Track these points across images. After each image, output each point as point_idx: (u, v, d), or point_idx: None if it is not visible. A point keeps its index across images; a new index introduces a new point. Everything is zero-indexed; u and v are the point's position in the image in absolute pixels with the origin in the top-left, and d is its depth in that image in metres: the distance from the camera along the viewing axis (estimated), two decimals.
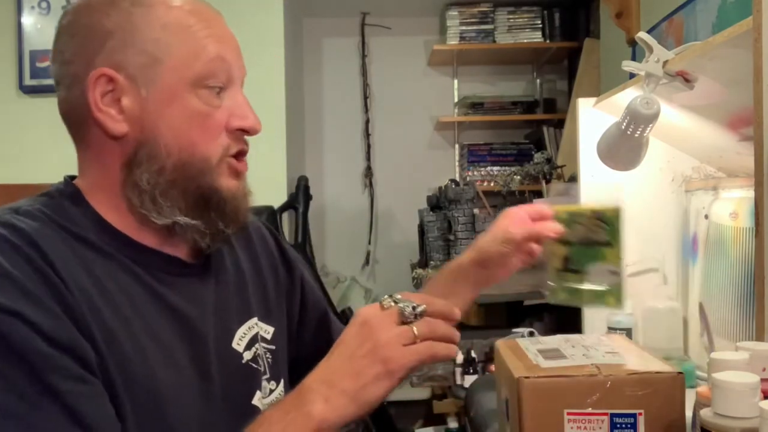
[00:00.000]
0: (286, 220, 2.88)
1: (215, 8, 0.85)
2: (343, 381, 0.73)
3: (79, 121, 0.80)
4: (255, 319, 0.91)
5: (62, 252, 0.73)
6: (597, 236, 0.95)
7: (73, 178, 0.84)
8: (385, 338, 0.73)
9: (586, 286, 0.98)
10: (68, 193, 0.80)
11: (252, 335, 0.89)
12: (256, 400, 0.86)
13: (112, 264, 0.77)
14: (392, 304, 0.76)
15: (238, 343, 0.87)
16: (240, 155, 0.84)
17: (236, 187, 0.83)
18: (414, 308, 0.75)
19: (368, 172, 3.67)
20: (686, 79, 1.11)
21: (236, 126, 0.82)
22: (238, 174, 0.83)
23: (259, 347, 0.90)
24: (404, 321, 0.74)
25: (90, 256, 0.75)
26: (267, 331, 0.93)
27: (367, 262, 3.64)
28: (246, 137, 0.85)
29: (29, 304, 0.67)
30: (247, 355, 0.87)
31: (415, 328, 0.74)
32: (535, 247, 1.02)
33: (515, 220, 1.03)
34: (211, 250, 0.86)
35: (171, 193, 0.79)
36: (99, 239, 0.77)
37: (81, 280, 0.72)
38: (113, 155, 0.79)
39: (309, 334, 1.02)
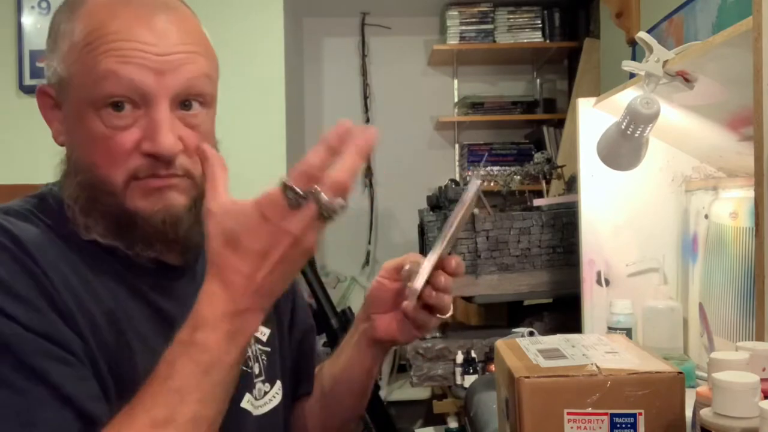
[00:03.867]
0: None
1: (164, 8, 0.78)
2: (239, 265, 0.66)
3: None
4: None
5: (50, 252, 0.73)
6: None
7: None
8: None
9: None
10: (57, 195, 0.81)
11: None
12: (246, 402, 0.85)
13: (99, 266, 0.77)
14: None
15: None
16: (158, 177, 0.77)
17: (150, 207, 0.77)
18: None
19: (368, 172, 3.67)
20: (686, 79, 1.11)
21: (145, 150, 0.76)
22: (151, 193, 0.77)
23: (253, 349, 0.89)
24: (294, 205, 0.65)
25: (77, 256, 0.76)
26: (262, 332, 0.92)
27: (367, 262, 3.64)
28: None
29: (13, 301, 0.67)
30: None
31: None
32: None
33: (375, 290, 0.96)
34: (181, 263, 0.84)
35: (89, 210, 0.77)
36: (86, 242, 0.78)
37: (68, 279, 0.72)
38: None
39: (293, 348, 1.00)
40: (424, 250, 2.74)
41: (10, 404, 0.65)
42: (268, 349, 0.93)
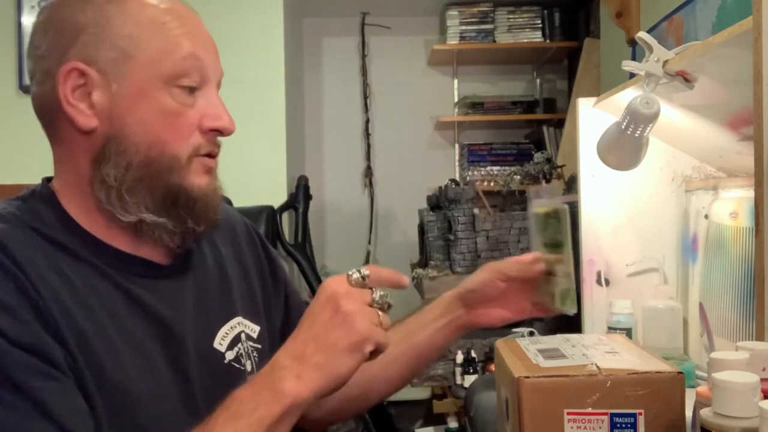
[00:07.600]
0: (286, 220, 2.88)
1: (193, 9, 0.84)
2: (315, 355, 0.71)
3: (50, 117, 0.80)
4: (239, 318, 0.91)
5: (32, 254, 0.72)
6: (557, 237, 0.95)
7: (50, 179, 0.83)
8: (357, 311, 0.72)
9: (558, 287, 0.97)
10: (41, 195, 0.80)
11: (235, 334, 0.89)
12: None
13: (84, 267, 0.77)
14: (359, 278, 0.75)
15: (220, 342, 0.87)
16: (210, 156, 0.83)
17: (206, 185, 0.82)
18: (381, 296, 0.76)
19: (368, 172, 3.67)
20: (686, 79, 1.11)
21: (209, 126, 0.81)
22: (208, 171, 0.83)
23: (245, 346, 0.90)
24: (370, 303, 0.75)
25: (62, 258, 0.75)
26: (253, 329, 0.93)
27: (367, 262, 3.64)
28: (220, 138, 0.84)
29: None
30: (230, 355, 0.87)
31: (381, 316, 0.74)
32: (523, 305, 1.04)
33: (506, 263, 1.05)
34: (182, 250, 0.85)
35: (138, 190, 0.78)
36: (71, 242, 0.77)
37: (52, 282, 0.72)
38: (83, 151, 0.79)
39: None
40: (424, 250, 2.74)
41: None
42: (259, 346, 0.93)
